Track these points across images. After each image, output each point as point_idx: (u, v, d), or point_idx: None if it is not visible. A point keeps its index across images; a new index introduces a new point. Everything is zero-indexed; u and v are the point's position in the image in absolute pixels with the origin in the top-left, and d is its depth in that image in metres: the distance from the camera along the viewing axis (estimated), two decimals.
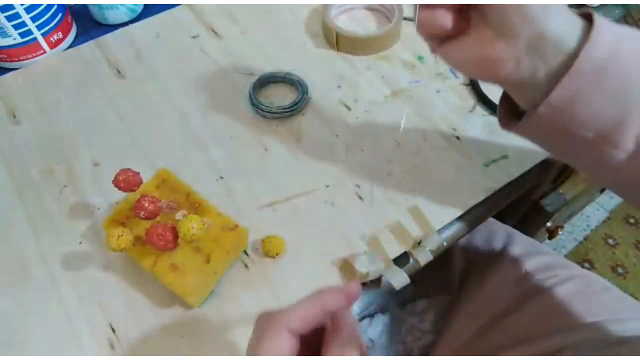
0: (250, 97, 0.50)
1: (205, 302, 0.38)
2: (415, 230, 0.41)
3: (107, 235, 0.34)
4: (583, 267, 0.62)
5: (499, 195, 0.43)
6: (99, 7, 0.57)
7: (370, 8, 0.58)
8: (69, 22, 0.57)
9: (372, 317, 0.55)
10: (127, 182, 0.37)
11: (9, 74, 0.54)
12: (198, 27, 0.58)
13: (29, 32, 0.52)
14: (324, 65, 0.54)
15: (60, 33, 0.56)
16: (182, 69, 0.54)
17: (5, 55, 0.53)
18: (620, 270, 1.16)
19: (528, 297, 0.47)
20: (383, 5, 0.57)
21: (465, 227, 0.42)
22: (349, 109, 0.50)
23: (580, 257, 1.18)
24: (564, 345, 0.41)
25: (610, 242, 1.20)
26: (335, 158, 0.46)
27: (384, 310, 0.55)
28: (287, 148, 0.47)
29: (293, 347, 0.26)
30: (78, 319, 0.38)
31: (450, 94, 0.50)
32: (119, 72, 0.54)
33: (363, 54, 0.54)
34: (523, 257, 0.51)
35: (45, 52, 0.55)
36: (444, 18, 0.29)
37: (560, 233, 0.76)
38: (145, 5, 0.61)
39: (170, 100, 0.51)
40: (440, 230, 0.41)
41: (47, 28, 0.53)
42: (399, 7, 0.55)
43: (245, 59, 0.54)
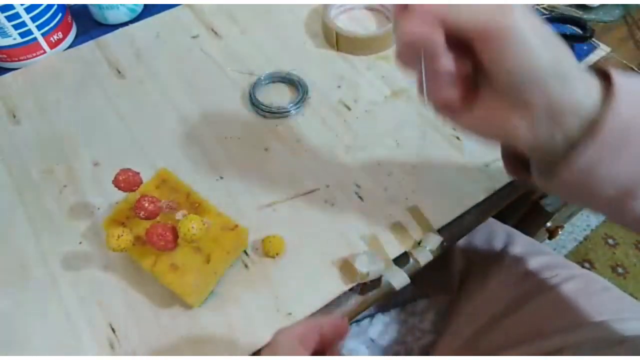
0: (250, 97, 0.50)
1: (205, 302, 0.38)
2: (415, 230, 0.41)
3: (107, 235, 0.34)
4: (583, 267, 0.62)
5: (499, 195, 0.43)
6: (99, 7, 0.57)
7: (370, 8, 0.58)
8: (69, 22, 0.57)
9: (372, 317, 0.55)
10: (127, 182, 0.37)
11: (9, 74, 0.54)
12: (198, 27, 0.58)
13: (29, 32, 0.52)
14: (324, 65, 0.54)
15: (60, 33, 0.56)
16: (182, 69, 0.54)
17: (5, 55, 0.53)
18: (620, 270, 1.16)
19: (528, 297, 0.47)
20: (383, 5, 0.57)
21: (465, 227, 0.42)
22: (349, 109, 0.50)
23: (580, 257, 1.18)
24: (564, 345, 0.41)
25: (610, 242, 1.20)
26: (335, 158, 0.46)
27: (384, 310, 0.55)
28: (287, 148, 0.47)
29: None
30: (78, 319, 0.38)
31: None
32: (119, 72, 0.54)
33: (363, 54, 0.54)
34: (523, 257, 0.51)
35: (45, 52, 0.55)
36: (449, 91, 0.28)
37: (560, 233, 0.76)
38: (145, 5, 0.61)
39: (170, 100, 0.51)
40: (440, 230, 0.41)
41: (47, 28, 0.53)
42: None
43: (245, 59, 0.54)
